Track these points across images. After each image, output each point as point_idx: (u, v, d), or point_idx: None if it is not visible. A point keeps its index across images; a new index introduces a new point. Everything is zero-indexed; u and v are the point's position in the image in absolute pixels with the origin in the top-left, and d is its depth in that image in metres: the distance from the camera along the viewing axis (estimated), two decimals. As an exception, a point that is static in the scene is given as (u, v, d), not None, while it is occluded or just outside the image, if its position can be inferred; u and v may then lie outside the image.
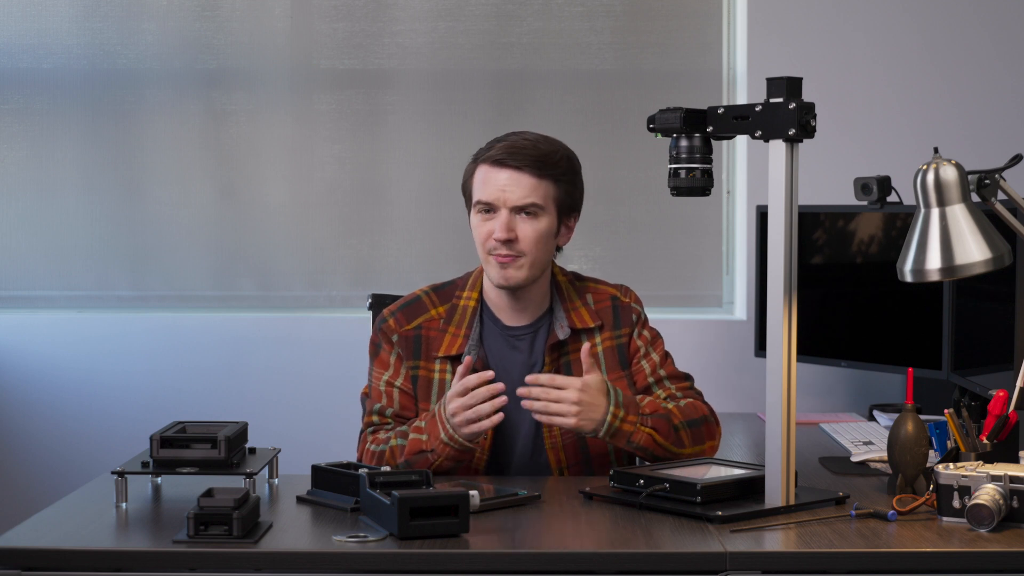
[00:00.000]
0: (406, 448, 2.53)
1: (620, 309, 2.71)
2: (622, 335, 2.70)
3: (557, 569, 2.06)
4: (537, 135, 2.63)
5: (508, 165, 2.57)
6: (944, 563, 2.04)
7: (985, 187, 2.32)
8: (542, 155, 2.58)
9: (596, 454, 2.63)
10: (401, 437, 2.55)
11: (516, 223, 2.57)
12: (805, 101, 2.26)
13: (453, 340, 2.64)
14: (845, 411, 3.96)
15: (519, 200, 2.56)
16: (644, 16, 4.15)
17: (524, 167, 2.56)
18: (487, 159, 2.60)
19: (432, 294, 2.70)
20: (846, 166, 3.68)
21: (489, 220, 2.59)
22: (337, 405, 3.94)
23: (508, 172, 2.57)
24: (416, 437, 2.52)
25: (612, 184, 4.12)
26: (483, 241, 2.60)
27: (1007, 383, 2.55)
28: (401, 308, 2.69)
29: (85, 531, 2.17)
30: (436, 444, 2.49)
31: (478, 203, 2.60)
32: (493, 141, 2.63)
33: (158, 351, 4.07)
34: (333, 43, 4.14)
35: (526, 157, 2.57)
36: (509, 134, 2.64)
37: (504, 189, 2.57)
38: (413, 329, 2.66)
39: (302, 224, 4.17)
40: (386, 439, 2.57)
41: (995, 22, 4.03)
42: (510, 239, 2.56)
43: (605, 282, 2.76)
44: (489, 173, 2.58)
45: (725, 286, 4.20)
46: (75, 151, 4.15)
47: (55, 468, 4.05)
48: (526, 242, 2.57)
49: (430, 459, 2.50)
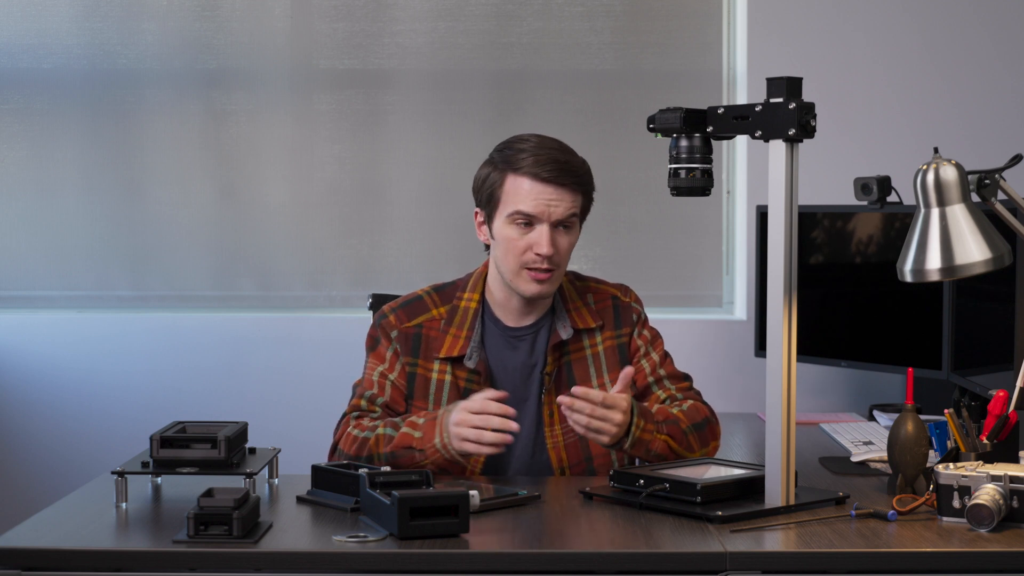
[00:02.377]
0: (395, 440, 2.51)
1: (621, 309, 2.72)
2: (623, 335, 2.70)
3: (557, 569, 2.06)
4: (556, 142, 2.62)
5: (554, 182, 2.55)
6: (944, 563, 2.04)
7: (985, 187, 2.32)
8: (577, 168, 2.59)
9: (597, 453, 2.63)
10: (391, 427, 2.53)
11: (555, 237, 2.57)
12: (805, 101, 2.26)
13: (454, 342, 2.64)
14: (845, 411, 3.96)
15: (563, 214, 2.56)
16: (644, 16, 4.14)
17: (568, 183, 2.56)
18: (529, 173, 2.55)
19: (434, 294, 2.70)
20: (846, 166, 3.68)
21: (528, 232, 2.57)
22: (337, 405, 3.90)
23: (553, 187, 2.56)
24: (408, 432, 2.51)
25: (612, 184, 4.12)
26: (519, 254, 2.58)
27: (1007, 383, 2.55)
28: (402, 306, 2.69)
29: (85, 531, 2.17)
30: (428, 446, 2.48)
31: (518, 213, 2.57)
32: (516, 149, 2.58)
33: (158, 351, 4.07)
34: (333, 43, 4.14)
35: (569, 173, 2.56)
36: (524, 139, 2.60)
37: (550, 203, 2.55)
38: (414, 327, 2.65)
39: (302, 224, 4.17)
40: (372, 427, 2.56)
41: (995, 22, 4.03)
42: (551, 254, 2.56)
43: (605, 282, 2.76)
44: (534, 186, 2.55)
45: (725, 286, 4.20)
46: (75, 151, 4.15)
47: (55, 468, 4.05)
48: (561, 255, 2.58)
49: (417, 458, 2.49)
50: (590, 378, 2.66)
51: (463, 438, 2.44)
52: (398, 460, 2.50)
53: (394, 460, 2.50)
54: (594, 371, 2.67)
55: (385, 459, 2.51)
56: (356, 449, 2.54)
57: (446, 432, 2.46)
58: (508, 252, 2.59)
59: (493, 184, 2.61)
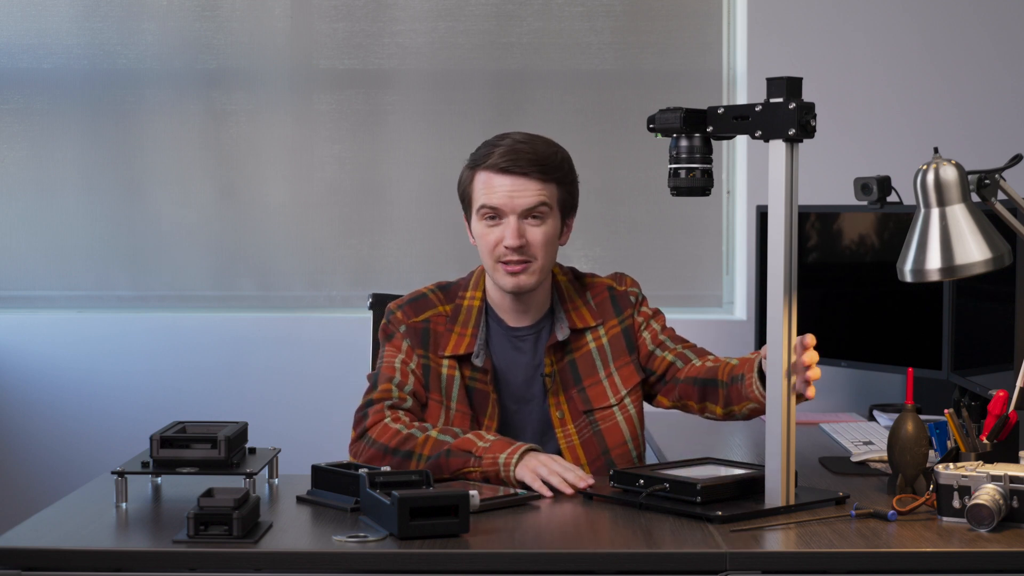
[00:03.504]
0: (453, 444, 2.47)
1: (618, 297, 2.72)
2: (625, 318, 2.71)
3: (557, 569, 2.06)
4: (529, 135, 2.62)
5: (513, 172, 2.55)
6: (944, 563, 2.04)
7: (985, 187, 2.32)
8: (544, 158, 2.57)
9: (614, 444, 2.64)
10: (448, 435, 2.49)
11: (524, 228, 2.57)
12: (805, 101, 2.26)
13: (460, 340, 2.63)
14: (845, 411, 3.96)
15: (528, 204, 2.56)
16: (644, 16, 4.15)
17: (530, 172, 2.56)
18: (490, 166, 2.57)
19: (438, 292, 2.70)
20: (846, 166, 3.68)
21: (496, 227, 2.58)
22: (337, 405, 3.92)
23: (513, 178, 2.56)
24: (472, 439, 2.48)
25: (612, 184, 4.12)
26: (491, 249, 2.58)
27: (1007, 383, 2.55)
28: (408, 302, 2.68)
29: (85, 531, 2.17)
30: (488, 455, 2.44)
31: (484, 208, 2.58)
32: (488, 146, 2.60)
33: (158, 351, 4.07)
34: (333, 43, 4.14)
35: (530, 162, 2.56)
36: (502, 137, 2.61)
37: (512, 194, 2.55)
38: (422, 322, 2.65)
39: (302, 224, 4.17)
40: (422, 426, 2.52)
41: (995, 22, 4.03)
42: (521, 245, 2.56)
43: (600, 276, 2.76)
44: (493, 179, 2.56)
45: (725, 286, 4.20)
46: (75, 151, 4.15)
47: (55, 468, 4.05)
48: (536, 246, 2.57)
49: (471, 462, 2.46)
50: (597, 371, 2.66)
51: (532, 469, 2.42)
52: (448, 460, 2.46)
53: (441, 461, 2.47)
54: (600, 363, 2.67)
55: (428, 461, 2.47)
56: (398, 443, 2.50)
57: (518, 454, 2.44)
58: (483, 248, 2.60)
59: (465, 183, 2.63)
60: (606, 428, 2.64)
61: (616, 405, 2.66)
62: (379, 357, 2.67)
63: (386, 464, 2.47)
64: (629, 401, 2.67)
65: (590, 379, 2.65)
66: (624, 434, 2.66)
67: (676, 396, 2.68)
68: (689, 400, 2.65)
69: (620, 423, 2.66)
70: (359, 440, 2.55)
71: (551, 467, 2.42)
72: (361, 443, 2.54)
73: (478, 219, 2.60)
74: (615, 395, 2.66)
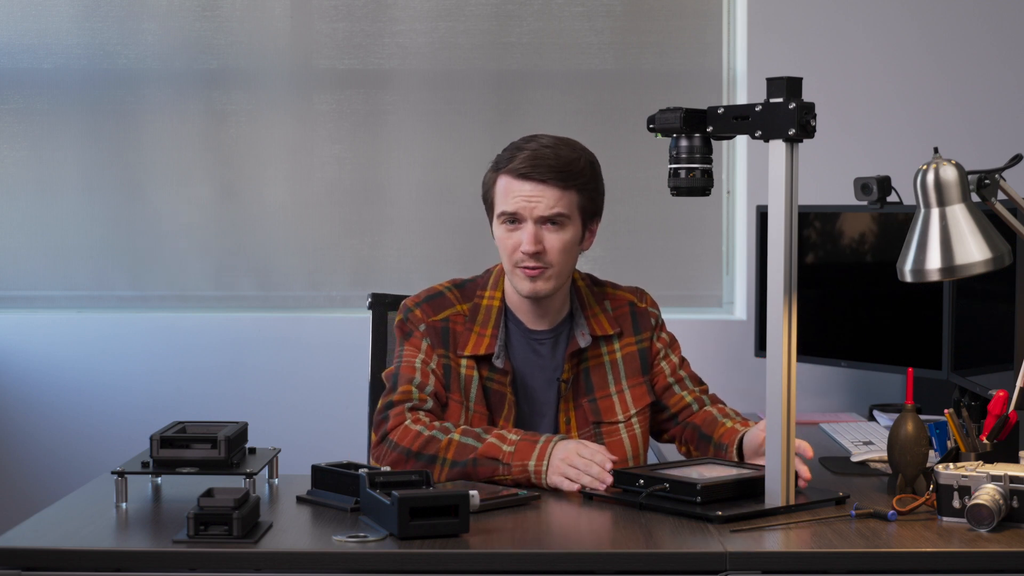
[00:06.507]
0: (479, 449, 2.46)
1: (638, 315, 2.72)
2: (643, 339, 2.70)
3: (557, 569, 2.06)
4: (556, 139, 2.60)
5: (532, 178, 2.54)
6: (944, 563, 2.04)
7: (985, 187, 2.32)
8: (565, 164, 2.56)
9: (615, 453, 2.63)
10: (472, 438, 2.48)
11: (543, 234, 2.56)
12: (805, 101, 2.26)
13: (479, 340, 2.62)
14: (845, 411, 3.96)
15: (545, 211, 2.55)
16: (644, 16, 4.15)
17: (549, 179, 2.55)
18: (510, 171, 2.56)
19: (455, 290, 2.68)
20: (846, 166, 3.68)
21: (515, 231, 2.57)
22: (337, 405, 3.94)
23: (532, 184, 2.55)
24: (496, 443, 2.46)
25: (612, 184, 4.06)
26: (510, 253, 2.58)
27: (1007, 383, 2.55)
28: (425, 300, 2.66)
29: (85, 531, 2.17)
30: (516, 463, 2.44)
31: (503, 214, 2.57)
32: (513, 149, 2.59)
33: (158, 351, 4.07)
34: (333, 43, 4.14)
35: (550, 168, 2.54)
36: (527, 140, 2.60)
37: (530, 200, 2.55)
38: (440, 321, 2.63)
39: (302, 224, 4.17)
40: (443, 428, 2.50)
41: (996, 21, 4.03)
42: (538, 251, 2.55)
43: (621, 286, 2.76)
44: (512, 184, 2.56)
45: (725, 286, 4.20)
46: (75, 151, 4.15)
47: (55, 468, 4.05)
48: (553, 253, 2.56)
49: (500, 471, 2.45)
50: (607, 384, 2.66)
51: (563, 474, 2.42)
52: (476, 469, 2.46)
53: (468, 468, 2.46)
54: (612, 378, 2.66)
55: (454, 466, 2.46)
56: (420, 446, 2.48)
57: (547, 459, 2.44)
58: (502, 252, 2.61)
59: (488, 186, 2.63)
60: (610, 443, 2.63)
61: (623, 423, 2.66)
62: (397, 356, 2.64)
63: (409, 468, 2.46)
64: (636, 421, 2.67)
65: (601, 391, 2.65)
66: (627, 452, 2.65)
67: (681, 437, 2.72)
68: (690, 444, 2.70)
69: (624, 440, 2.66)
70: (381, 444, 2.53)
71: (578, 466, 2.41)
72: (383, 447, 2.52)
73: (498, 223, 2.60)
74: (624, 412, 2.66)
